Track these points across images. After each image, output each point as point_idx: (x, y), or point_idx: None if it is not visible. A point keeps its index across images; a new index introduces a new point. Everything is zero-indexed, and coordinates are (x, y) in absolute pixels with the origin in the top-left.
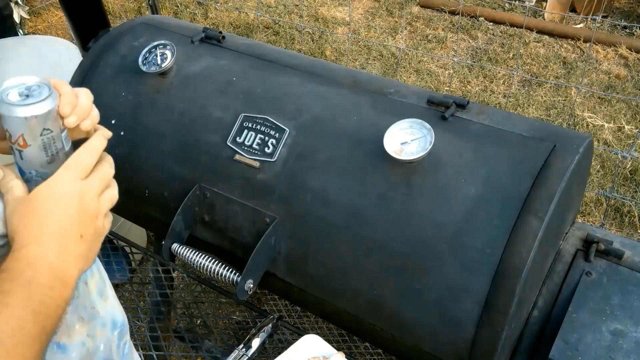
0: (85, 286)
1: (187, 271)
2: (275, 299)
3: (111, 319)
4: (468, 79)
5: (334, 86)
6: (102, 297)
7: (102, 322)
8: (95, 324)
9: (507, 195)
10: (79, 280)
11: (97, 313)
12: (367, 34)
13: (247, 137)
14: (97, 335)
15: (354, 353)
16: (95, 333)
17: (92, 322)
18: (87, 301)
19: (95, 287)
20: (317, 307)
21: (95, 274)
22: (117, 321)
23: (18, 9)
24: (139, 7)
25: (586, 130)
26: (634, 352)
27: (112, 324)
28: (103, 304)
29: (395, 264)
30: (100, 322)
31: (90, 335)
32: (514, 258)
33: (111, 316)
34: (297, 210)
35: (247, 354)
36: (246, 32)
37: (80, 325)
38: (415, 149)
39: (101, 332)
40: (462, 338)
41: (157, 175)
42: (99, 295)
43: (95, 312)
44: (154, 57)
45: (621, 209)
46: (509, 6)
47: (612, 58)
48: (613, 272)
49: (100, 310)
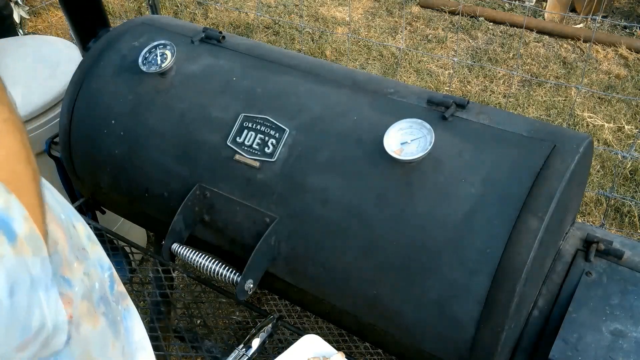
0: (74, 229)
1: (187, 271)
2: (275, 299)
3: (99, 262)
4: (468, 79)
5: (334, 86)
6: (90, 241)
7: (92, 263)
8: (88, 264)
9: (507, 195)
10: (69, 223)
11: (87, 254)
12: (367, 34)
13: (247, 137)
14: (92, 274)
15: (354, 353)
16: (89, 272)
17: (85, 262)
18: (78, 242)
19: (84, 232)
20: (317, 307)
21: (80, 221)
22: (105, 264)
23: (18, 9)
24: (139, 7)
25: (586, 130)
26: (634, 352)
27: (101, 266)
28: (91, 248)
29: (395, 264)
30: (92, 264)
31: (86, 274)
32: (514, 258)
33: (99, 259)
34: (297, 210)
35: (247, 354)
36: (246, 32)
37: (77, 264)
38: (415, 149)
39: (94, 272)
40: (462, 338)
41: (157, 175)
42: (87, 239)
43: (86, 254)
44: (154, 57)
45: (621, 209)
46: (509, 6)
47: (612, 58)
48: (613, 272)
49: (90, 253)
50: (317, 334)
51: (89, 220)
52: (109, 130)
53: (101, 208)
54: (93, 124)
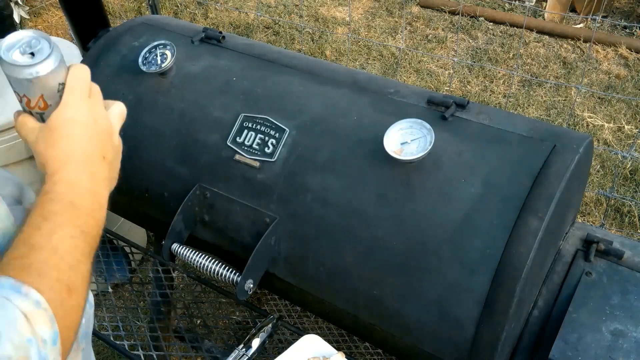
0: None
1: (187, 271)
2: (275, 299)
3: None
4: (468, 79)
5: (334, 86)
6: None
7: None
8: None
9: (507, 195)
10: None
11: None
12: (367, 34)
13: (247, 137)
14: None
15: (354, 353)
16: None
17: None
18: None
19: None
20: (317, 307)
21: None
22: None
23: (18, 9)
24: (139, 7)
25: (586, 130)
26: (634, 352)
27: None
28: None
29: (395, 264)
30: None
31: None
32: (514, 258)
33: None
34: (297, 210)
35: (247, 354)
36: (246, 32)
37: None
38: (415, 149)
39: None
40: (462, 338)
41: (157, 175)
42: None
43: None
44: (154, 57)
45: (621, 209)
46: (509, 6)
47: (612, 58)
48: (613, 272)
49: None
50: (317, 334)
51: None
52: None
53: None
54: None
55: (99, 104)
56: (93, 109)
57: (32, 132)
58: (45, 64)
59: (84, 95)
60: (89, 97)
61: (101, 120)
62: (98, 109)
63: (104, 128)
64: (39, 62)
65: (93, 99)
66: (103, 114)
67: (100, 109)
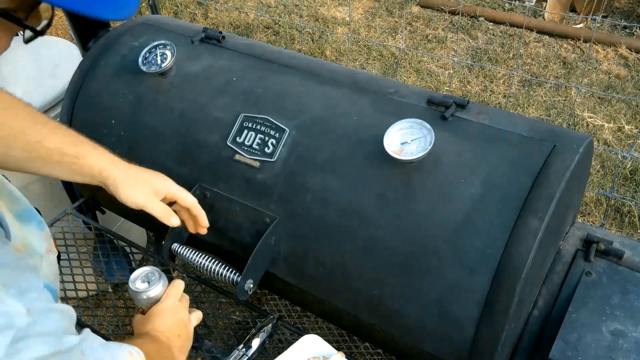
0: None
1: (187, 271)
2: (275, 299)
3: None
4: (468, 79)
5: (334, 86)
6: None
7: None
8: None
9: (507, 195)
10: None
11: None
12: (367, 34)
13: (247, 137)
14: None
15: (354, 353)
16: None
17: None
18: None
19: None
20: (317, 307)
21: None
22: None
23: None
24: (139, 7)
25: (586, 130)
26: (634, 352)
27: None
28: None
29: (395, 264)
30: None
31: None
32: (514, 258)
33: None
34: (297, 210)
35: (247, 354)
36: (246, 32)
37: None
38: (415, 149)
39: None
40: (462, 338)
41: None
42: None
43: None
44: (154, 57)
45: (621, 209)
46: (509, 6)
47: (612, 58)
48: (613, 272)
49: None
50: (317, 334)
51: (89, 220)
52: (109, 131)
53: (101, 208)
54: (93, 124)
55: (185, 305)
56: (179, 307)
57: (139, 319)
58: (154, 289)
59: (177, 298)
60: (179, 301)
61: (182, 315)
62: (182, 308)
63: (182, 318)
64: (151, 289)
65: (181, 301)
66: (184, 311)
67: (183, 308)
